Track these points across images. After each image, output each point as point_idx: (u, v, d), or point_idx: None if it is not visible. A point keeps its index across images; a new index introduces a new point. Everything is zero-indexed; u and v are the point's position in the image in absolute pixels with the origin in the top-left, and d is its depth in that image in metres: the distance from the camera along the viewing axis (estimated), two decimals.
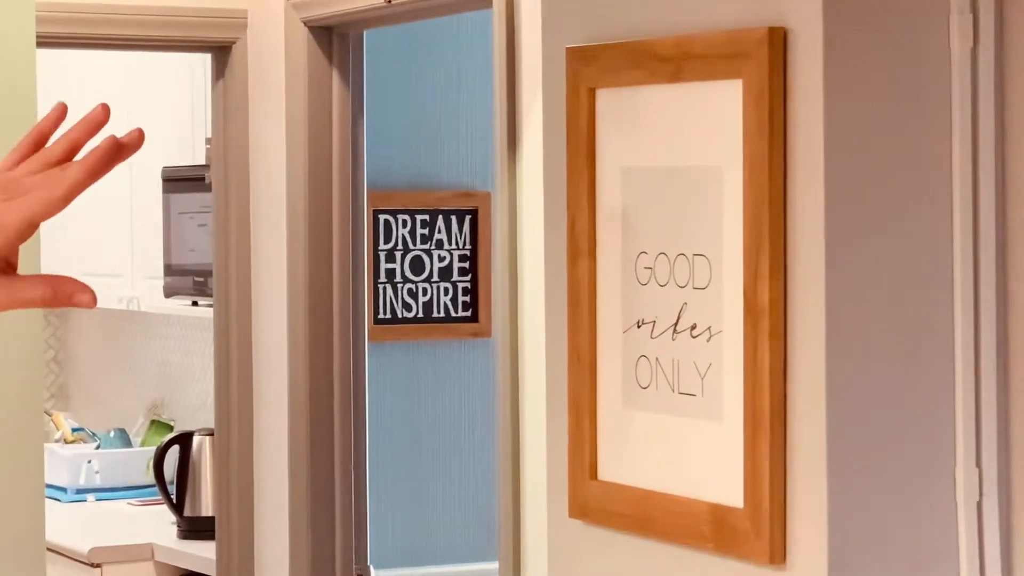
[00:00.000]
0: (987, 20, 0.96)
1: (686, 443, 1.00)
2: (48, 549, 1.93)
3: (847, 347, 0.94)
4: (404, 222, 2.49)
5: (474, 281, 2.49)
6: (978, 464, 0.94)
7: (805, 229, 0.95)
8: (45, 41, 1.87)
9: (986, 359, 0.95)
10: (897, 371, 0.97)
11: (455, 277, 2.52)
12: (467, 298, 2.53)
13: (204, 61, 2.43)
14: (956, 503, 0.94)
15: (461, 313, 2.51)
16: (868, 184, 0.95)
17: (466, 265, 2.51)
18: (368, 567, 2.14)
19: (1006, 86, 0.97)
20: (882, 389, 0.96)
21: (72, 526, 2.78)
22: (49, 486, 2.41)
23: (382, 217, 2.46)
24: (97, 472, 3.02)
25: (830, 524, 0.92)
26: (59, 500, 2.98)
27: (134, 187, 3.02)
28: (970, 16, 0.94)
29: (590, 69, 1.07)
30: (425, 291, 2.47)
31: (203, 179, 2.56)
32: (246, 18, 2.16)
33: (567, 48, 1.11)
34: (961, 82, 0.95)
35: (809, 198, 0.94)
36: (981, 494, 0.94)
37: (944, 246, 0.97)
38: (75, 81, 2.97)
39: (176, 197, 2.88)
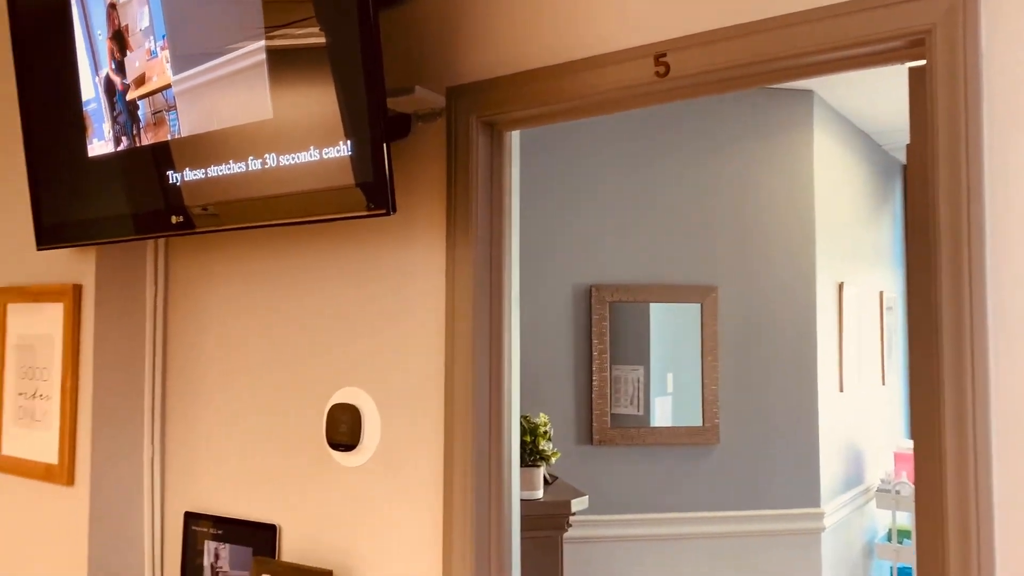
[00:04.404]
0: (164, 289, 2.49)
1: (36, 439, 2.43)
2: None
3: (98, 414, 2.44)
4: None
5: None
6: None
7: (88, 362, 2.43)
8: None
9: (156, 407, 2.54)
10: (114, 417, 2.49)
11: None
12: None
13: None
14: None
15: None
16: (111, 344, 2.44)
17: None
18: None
19: (170, 311, 2.59)
20: (107, 421, 2.46)
21: None
22: None
23: None
24: None
25: (92, 469, 2.41)
26: None
27: None
28: (155, 287, 2.57)
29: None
30: None
31: None
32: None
33: None
34: (154, 309, 2.56)
35: (89, 348, 2.38)
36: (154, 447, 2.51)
37: (138, 381, 2.55)
38: None
39: None
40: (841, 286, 4.19)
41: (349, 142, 1.56)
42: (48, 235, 2.23)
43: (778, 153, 3.89)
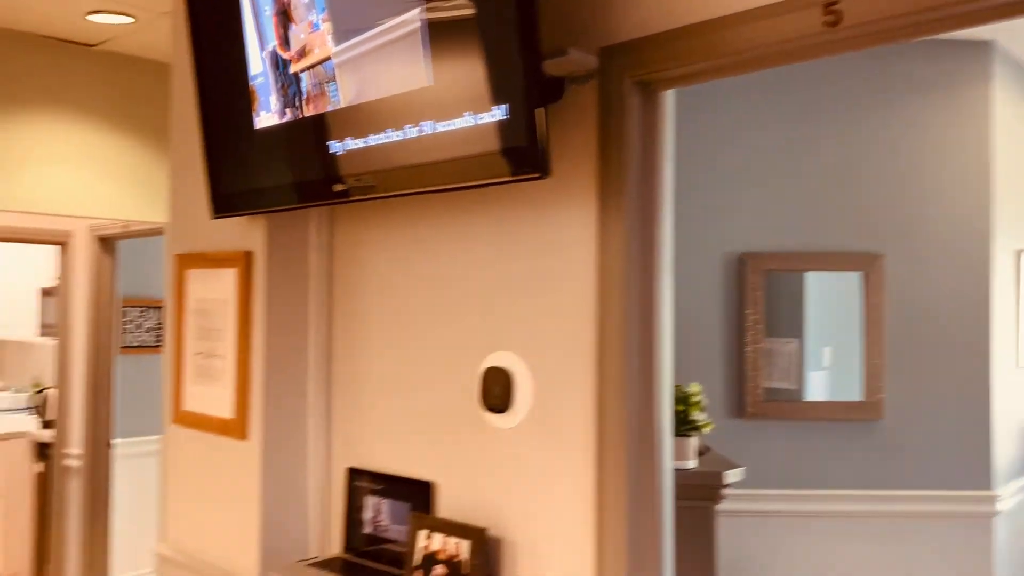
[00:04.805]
0: (327, 255, 2.49)
1: (213, 395, 2.60)
2: None
3: (268, 373, 2.53)
4: None
5: None
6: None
7: (259, 324, 2.58)
8: None
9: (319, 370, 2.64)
10: (282, 376, 2.57)
11: None
12: None
13: None
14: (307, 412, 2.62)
15: None
16: (280, 308, 2.56)
17: None
18: None
19: (333, 277, 2.70)
20: (277, 379, 2.49)
21: None
22: None
23: None
24: None
25: (264, 424, 2.57)
26: None
27: None
28: (319, 253, 2.68)
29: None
30: None
31: None
32: None
33: None
34: (317, 275, 2.68)
35: (260, 311, 2.49)
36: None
37: (303, 343, 2.65)
38: None
39: None
40: (1020, 253, 3.86)
41: (504, 107, 1.56)
42: (221, 204, 2.37)
43: (951, 109, 3.61)
